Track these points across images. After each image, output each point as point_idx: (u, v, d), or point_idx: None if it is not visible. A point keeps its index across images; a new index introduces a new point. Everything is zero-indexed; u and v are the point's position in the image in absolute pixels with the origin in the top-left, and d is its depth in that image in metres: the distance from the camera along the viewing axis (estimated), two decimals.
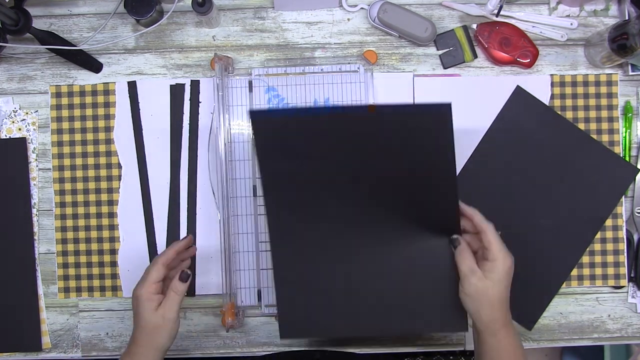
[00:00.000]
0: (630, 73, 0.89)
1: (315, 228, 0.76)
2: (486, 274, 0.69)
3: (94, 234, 0.89)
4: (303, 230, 0.76)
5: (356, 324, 0.78)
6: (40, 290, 0.89)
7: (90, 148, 0.89)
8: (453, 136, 0.70)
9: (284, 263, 0.77)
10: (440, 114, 0.69)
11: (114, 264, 0.89)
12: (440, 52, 0.90)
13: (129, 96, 0.90)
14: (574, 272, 0.88)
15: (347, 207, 0.75)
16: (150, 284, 0.74)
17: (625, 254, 0.88)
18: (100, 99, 0.90)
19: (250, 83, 0.88)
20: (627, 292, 0.89)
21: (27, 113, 0.90)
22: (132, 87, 0.90)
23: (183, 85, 0.90)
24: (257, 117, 0.71)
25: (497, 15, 0.87)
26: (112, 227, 0.89)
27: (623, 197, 0.88)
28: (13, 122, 0.90)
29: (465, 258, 0.71)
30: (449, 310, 0.76)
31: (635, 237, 0.90)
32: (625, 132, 0.89)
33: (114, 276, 0.89)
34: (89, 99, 0.90)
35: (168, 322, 0.74)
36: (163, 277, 0.76)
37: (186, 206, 0.89)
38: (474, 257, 0.72)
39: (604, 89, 0.89)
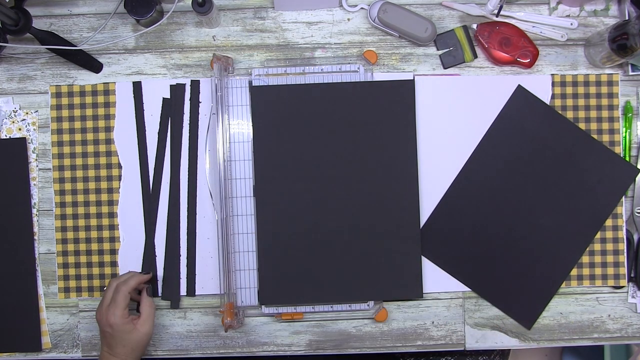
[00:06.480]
0: (630, 73, 0.89)
1: (293, 202, 0.87)
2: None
3: (94, 234, 0.89)
4: (284, 201, 0.87)
5: (328, 292, 0.87)
6: (40, 290, 0.89)
7: (90, 148, 0.89)
8: (415, 108, 0.87)
9: (267, 236, 0.87)
10: (405, 87, 0.87)
11: (114, 264, 0.89)
12: (440, 52, 0.90)
13: (134, 97, 0.89)
14: (574, 272, 0.88)
15: (323, 179, 0.87)
16: (122, 311, 0.79)
17: (625, 254, 0.88)
18: (101, 99, 0.90)
19: (250, 83, 0.88)
20: (627, 292, 0.89)
21: (27, 113, 0.90)
22: (137, 87, 0.89)
23: (183, 85, 0.90)
24: (256, 89, 0.87)
25: (497, 15, 0.87)
26: (112, 227, 0.89)
27: (623, 197, 0.88)
28: (13, 122, 0.90)
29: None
30: (405, 278, 0.87)
31: (635, 237, 0.90)
32: (626, 132, 0.89)
33: (114, 276, 0.89)
34: (89, 99, 0.90)
35: (151, 333, 0.82)
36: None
37: (186, 206, 0.89)
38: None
39: (604, 89, 0.89)
